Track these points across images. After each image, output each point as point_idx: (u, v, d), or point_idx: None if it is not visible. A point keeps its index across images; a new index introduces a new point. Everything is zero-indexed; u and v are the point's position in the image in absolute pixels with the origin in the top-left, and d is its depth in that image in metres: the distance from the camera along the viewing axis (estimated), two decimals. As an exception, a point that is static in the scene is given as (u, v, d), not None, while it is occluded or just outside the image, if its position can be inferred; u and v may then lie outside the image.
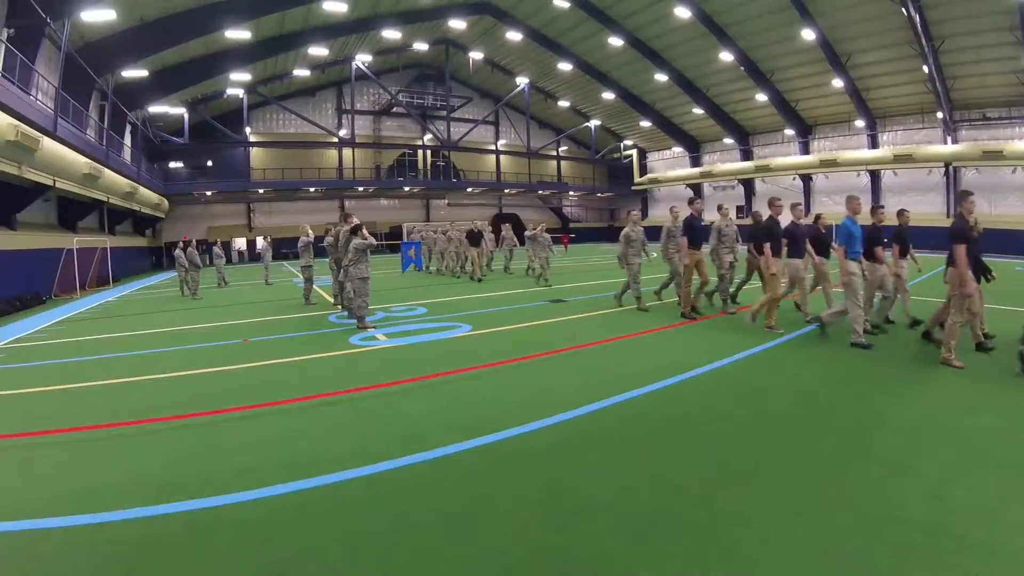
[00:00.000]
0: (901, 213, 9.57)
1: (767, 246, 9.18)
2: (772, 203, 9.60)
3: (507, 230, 23.50)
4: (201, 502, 3.90)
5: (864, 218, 8.54)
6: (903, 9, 27.66)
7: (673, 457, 4.52)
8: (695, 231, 10.71)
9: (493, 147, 56.83)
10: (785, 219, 9.55)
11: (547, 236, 17.81)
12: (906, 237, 9.38)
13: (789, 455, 4.51)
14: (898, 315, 9.46)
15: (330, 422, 5.59)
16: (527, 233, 19.26)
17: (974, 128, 34.90)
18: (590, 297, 14.33)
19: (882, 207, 9.13)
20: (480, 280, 19.10)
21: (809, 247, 9.51)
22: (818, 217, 10.34)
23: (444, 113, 50.19)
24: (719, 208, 12.05)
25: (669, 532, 3.41)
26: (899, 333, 8.94)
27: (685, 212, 11.12)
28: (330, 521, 3.63)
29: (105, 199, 25.76)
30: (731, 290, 11.71)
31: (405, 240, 33.86)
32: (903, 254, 9.30)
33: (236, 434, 5.32)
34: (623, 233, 11.82)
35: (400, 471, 4.37)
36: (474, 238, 20.21)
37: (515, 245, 23.18)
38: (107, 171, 24.14)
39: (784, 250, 9.40)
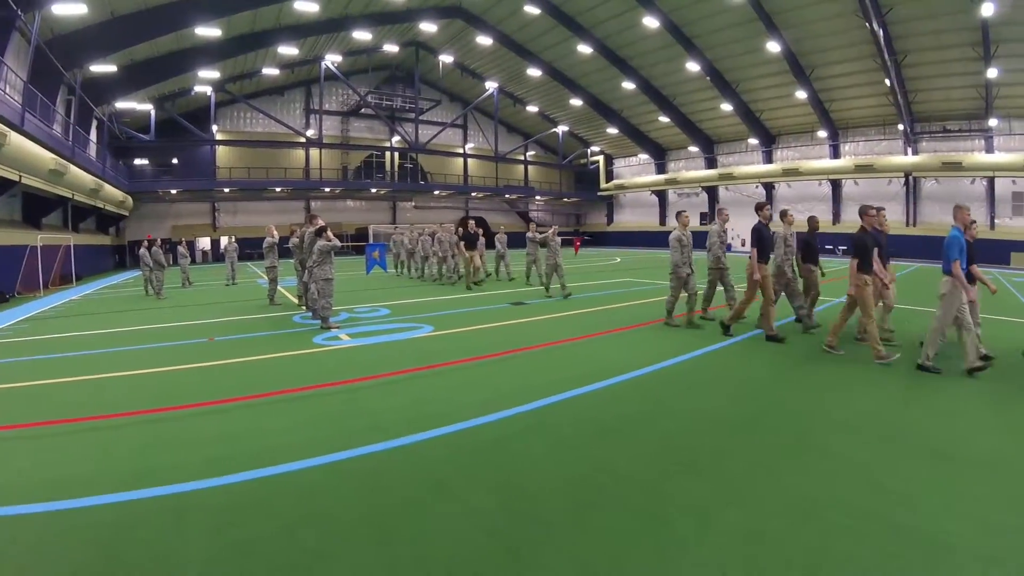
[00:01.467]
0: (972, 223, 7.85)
1: (874, 257, 7.82)
2: (866, 211, 8.06)
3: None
4: (173, 488, 4.10)
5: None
6: (867, 24, 28.59)
7: (618, 449, 4.82)
8: (765, 241, 9.25)
9: (461, 150, 57.24)
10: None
11: (559, 240, 16.10)
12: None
13: (732, 447, 4.83)
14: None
15: (294, 416, 5.79)
16: (532, 236, 18.07)
17: (934, 140, 36.26)
18: (551, 300, 14.63)
19: (975, 222, 7.89)
20: (479, 284, 18.14)
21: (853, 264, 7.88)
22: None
23: (412, 115, 50.37)
24: (783, 215, 10.46)
25: (609, 515, 3.71)
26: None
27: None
28: (295, 504, 3.87)
29: (70, 196, 25.25)
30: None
31: (370, 242, 33.64)
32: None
33: (203, 428, 5.49)
34: (674, 237, 10.26)
35: (360, 459, 4.63)
36: (470, 240, 18.31)
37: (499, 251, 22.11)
38: (73, 167, 23.69)
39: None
